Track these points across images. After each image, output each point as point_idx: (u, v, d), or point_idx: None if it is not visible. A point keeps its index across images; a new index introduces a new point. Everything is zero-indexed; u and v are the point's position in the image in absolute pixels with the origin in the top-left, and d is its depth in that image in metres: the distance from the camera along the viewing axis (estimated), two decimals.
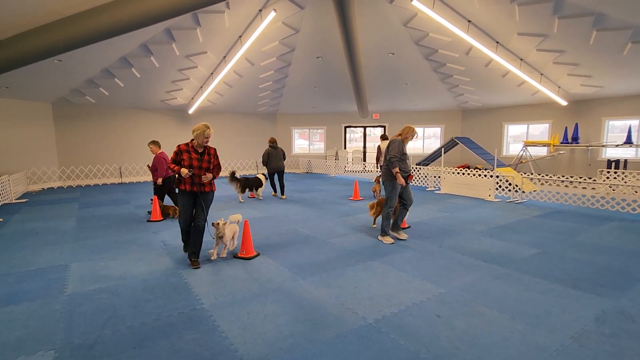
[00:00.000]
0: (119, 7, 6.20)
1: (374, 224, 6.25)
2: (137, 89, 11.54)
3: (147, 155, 14.07)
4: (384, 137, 10.26)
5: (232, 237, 4.82)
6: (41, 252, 4.95)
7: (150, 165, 7.20)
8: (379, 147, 10.49)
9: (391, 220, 5.42)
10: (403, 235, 5.47)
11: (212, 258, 4.56)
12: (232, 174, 9.08)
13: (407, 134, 5.22)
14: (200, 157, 4.35)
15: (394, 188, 5.21)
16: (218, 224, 4.45)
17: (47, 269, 4.29)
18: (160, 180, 6.95)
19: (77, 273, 4.15)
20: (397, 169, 5.08)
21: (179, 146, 4.40)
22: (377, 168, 11.03)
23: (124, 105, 13.31)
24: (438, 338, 2.74)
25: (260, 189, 9.39)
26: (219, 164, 4.54)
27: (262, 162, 9.46)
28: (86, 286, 3.77)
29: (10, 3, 5.91)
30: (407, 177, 5.32)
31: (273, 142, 9.65)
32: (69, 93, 11.17)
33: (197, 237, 4.39)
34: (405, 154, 5.27)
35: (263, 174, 9.62)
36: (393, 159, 5.12)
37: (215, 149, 4.55)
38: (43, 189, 11.74)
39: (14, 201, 9.22)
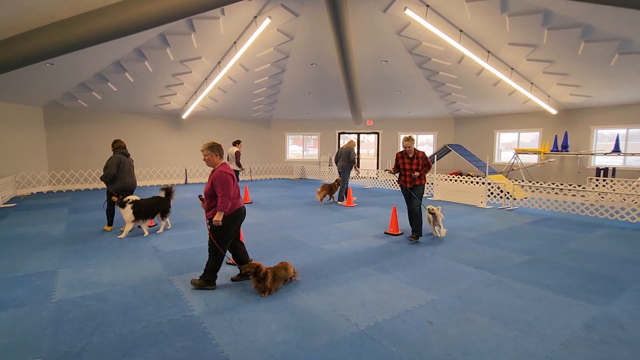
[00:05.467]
0: (113, 11, 6.18)
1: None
2: (130, 93, 11.48)
3: (142, 159, 13.97)
4: None
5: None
6: (29, 258, 4.85)
7: None
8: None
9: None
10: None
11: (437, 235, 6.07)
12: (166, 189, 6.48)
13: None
14: (410, 161, 5.83)
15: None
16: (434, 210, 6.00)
17: (35, 275, 4.21)
18: None
19: (66, 279, 4.08)
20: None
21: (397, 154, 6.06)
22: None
23: (116, 110, 13.21)
24: (430, 345, 2.73)
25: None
26: (427, 164, 5.82)
27: (105, 178, 6.07)
28: (74, 292, 3.71)
29: (3, 6, 5.86)
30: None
31: (123, 147, 6.40)
32: (61, 97, 11.06)
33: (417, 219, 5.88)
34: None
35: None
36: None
37: (423, 153, 5.87)
38: (32, 193, 11.55)
39: (2, 205, 9.05)
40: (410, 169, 5.80)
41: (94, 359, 2.55)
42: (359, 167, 9.03)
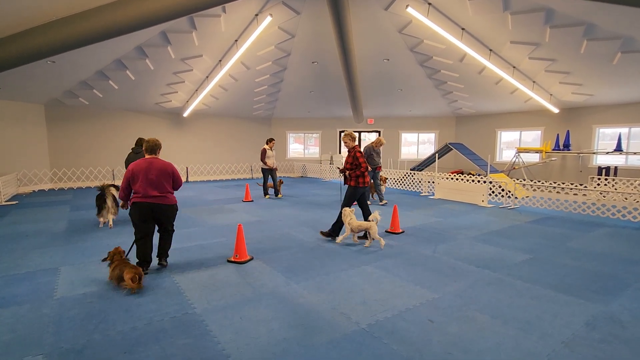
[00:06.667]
0: (114, 9, 6.18)
1: None
2: (131, 91, 11.48)
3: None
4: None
5: (364, 231, 5.41)
6: (31, 255, 4.87)
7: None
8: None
9: None
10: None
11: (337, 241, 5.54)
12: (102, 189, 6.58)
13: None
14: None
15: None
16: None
17: (37, 273, 4.22)
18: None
19: (67, 277, 4.09)
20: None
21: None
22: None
23: (117, 108, 13.22)
24: (431, 343, 2.74)
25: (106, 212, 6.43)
26: (353, 162, 5.60)
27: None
28: (76, 290, 3.72)
29: (5, 4, 5.86)
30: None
31: (136, 145, 6.69)
32: (62, 94, 11.07)
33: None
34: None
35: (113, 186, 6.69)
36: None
37: (355, 152, 5.62)
38: (34, 191, 11.58)
39: (3, 203, 9.08)
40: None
41: (96, 356, 2.56)
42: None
